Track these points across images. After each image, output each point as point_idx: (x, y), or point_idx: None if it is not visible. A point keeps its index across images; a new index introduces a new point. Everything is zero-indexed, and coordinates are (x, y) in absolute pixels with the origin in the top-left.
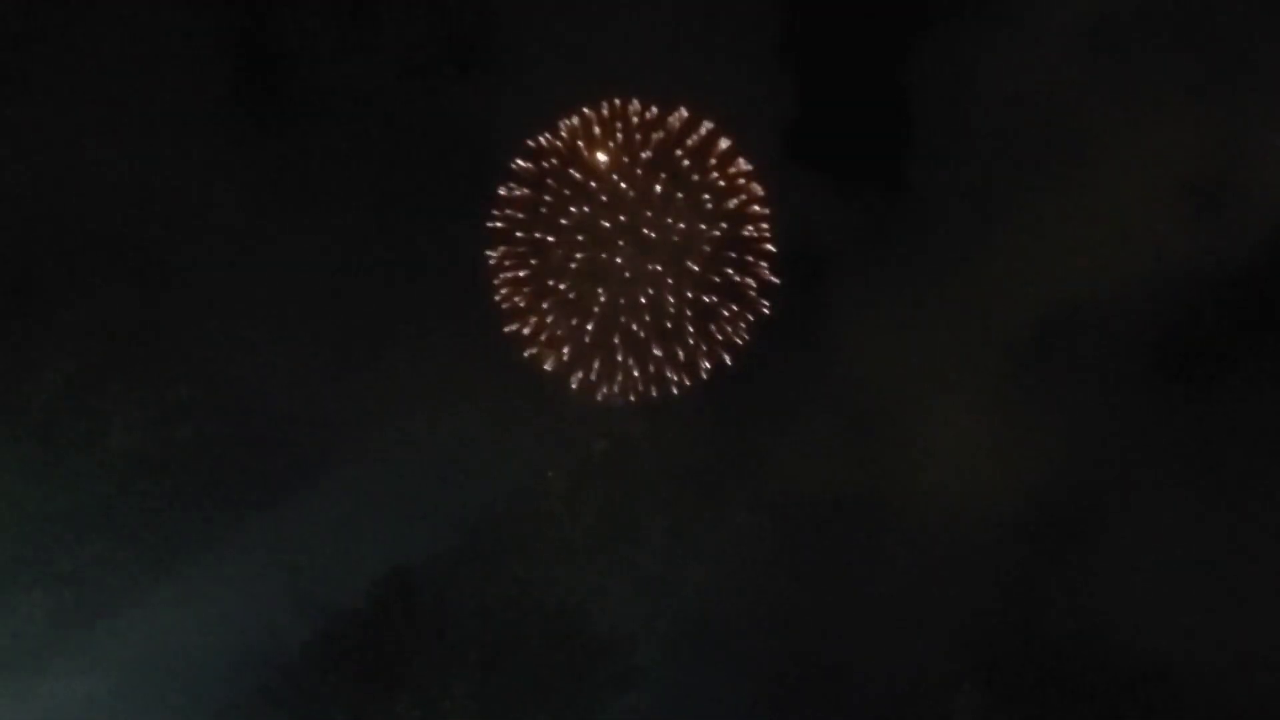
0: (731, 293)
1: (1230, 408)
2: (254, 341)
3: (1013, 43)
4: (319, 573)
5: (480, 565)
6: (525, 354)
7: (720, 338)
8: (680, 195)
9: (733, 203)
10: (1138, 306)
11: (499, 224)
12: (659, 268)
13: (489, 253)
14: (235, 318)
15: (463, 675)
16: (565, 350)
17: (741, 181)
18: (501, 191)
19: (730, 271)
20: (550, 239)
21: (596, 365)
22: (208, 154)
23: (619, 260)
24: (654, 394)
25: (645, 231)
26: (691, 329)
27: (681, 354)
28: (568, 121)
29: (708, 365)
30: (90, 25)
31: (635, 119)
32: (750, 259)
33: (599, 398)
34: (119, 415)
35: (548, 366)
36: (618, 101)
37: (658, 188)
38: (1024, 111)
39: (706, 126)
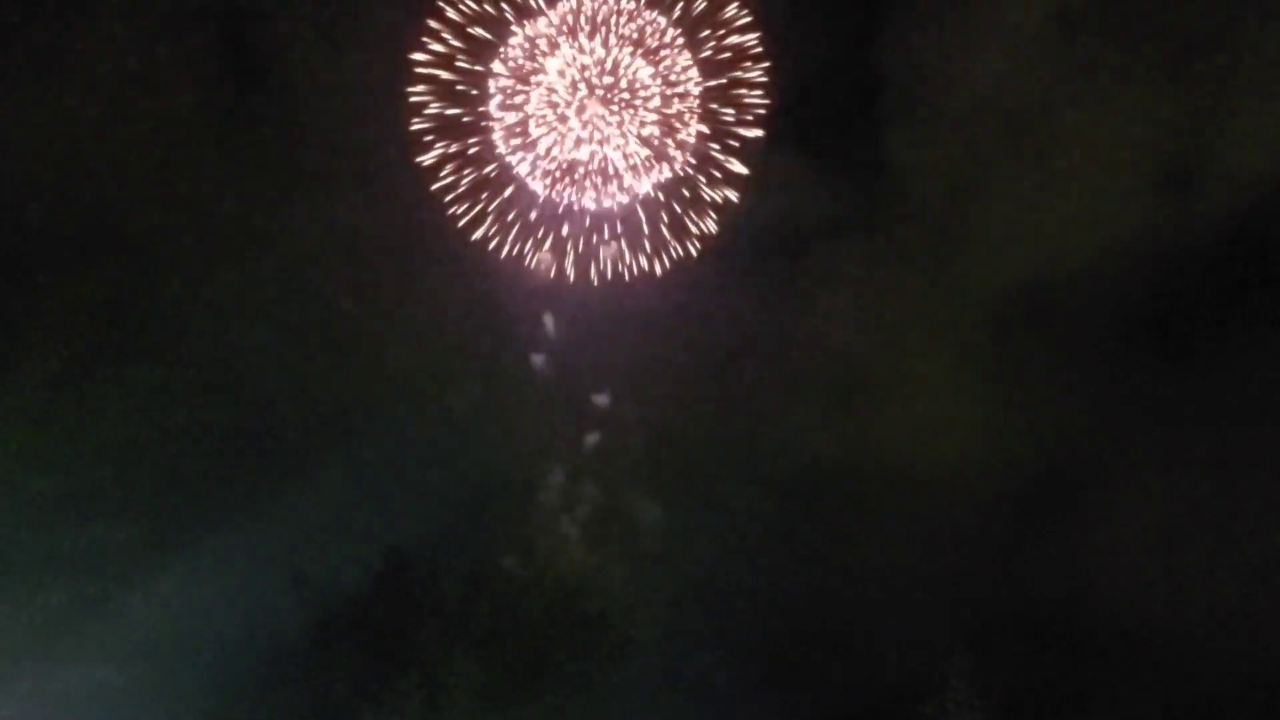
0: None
1: (1214, 377)
2: (248, 324)
3: (993, 14)
4: (320, 553)
5: (478, 542)
6: (469, 234)
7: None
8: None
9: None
10: (1119, 278)
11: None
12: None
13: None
14: (228, 301)
15: (463, 651)
16: (514, 227)
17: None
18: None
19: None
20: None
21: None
22: (203, 137)
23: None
24: (618, 272)
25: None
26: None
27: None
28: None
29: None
30: (79, 10)
31: None
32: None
33: (552, 275)
34: (115, 399)
35: (493, 246)
36: None
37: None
38: (1009, 79)
39: None
